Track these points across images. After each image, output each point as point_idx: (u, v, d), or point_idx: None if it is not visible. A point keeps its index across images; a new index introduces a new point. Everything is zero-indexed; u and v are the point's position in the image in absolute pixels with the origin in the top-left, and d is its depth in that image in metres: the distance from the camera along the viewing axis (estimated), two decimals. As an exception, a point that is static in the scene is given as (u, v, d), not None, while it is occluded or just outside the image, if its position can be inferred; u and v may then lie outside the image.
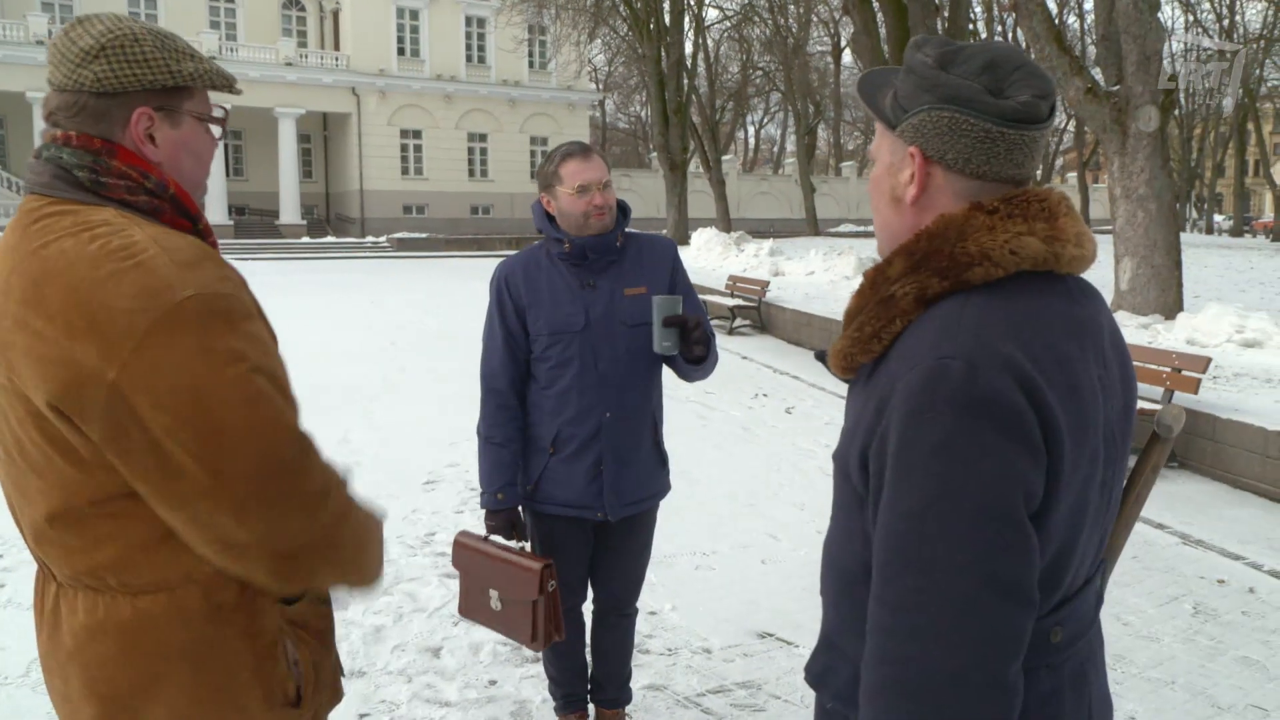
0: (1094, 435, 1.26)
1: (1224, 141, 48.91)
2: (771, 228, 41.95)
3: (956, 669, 1.12)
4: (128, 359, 1.28)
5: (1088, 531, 1.32)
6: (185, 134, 1.51)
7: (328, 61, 41.52)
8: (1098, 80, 11.60)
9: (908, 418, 1.18)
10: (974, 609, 1.13)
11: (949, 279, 1.25)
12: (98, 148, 1.42)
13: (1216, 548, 5.53)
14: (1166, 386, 7.22)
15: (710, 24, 39.66)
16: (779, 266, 19.01)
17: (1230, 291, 14.46)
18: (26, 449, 1.39)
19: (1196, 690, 3.82)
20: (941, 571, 1.13)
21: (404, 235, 37.75)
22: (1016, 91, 1.27)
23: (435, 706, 3.58)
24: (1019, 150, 1.28)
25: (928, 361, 1.19)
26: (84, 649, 1.44)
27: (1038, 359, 1.19)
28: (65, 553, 1.44)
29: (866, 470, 1.28)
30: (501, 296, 2.92)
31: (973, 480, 1.14)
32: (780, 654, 4.06)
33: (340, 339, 12.83)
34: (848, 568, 1.39)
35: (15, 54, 34.47)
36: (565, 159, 2.83)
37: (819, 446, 7.71)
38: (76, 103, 1.42)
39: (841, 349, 1.35)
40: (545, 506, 2.98)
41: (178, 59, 1.46)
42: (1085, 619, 1.37)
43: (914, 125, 1.31)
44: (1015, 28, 39.02)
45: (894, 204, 1.37)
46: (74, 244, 1.34)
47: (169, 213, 1.46)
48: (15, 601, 4.40)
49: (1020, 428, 1.15)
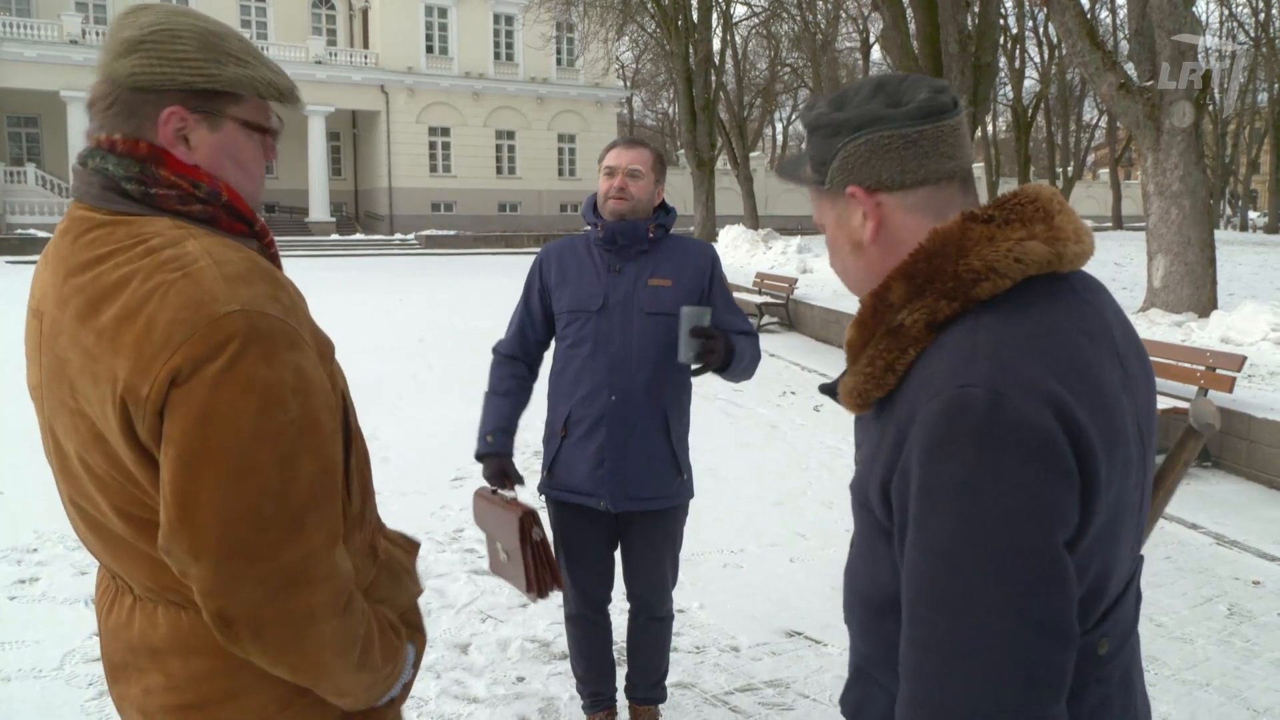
0: (1124, 444, 1.21)
1: (1259, 137, 48.25)
2: (799, 225, 41.83)
3: (994, 714, 1.08)
4: (159, 370, 1.23)
5: (1126, 534, 1.28)
6: (225, 139, 1.43)
7: (357, 60, 41.78)
8: (1131, 75, 11.47)
9: (929, 453, 1.13)
10: (1010, 650, 1.08)
11: (957, 299, 1.21)
12: (144, 154, 1.36)
13: (1252, 548, 5.45)
14: (1200, 385, 7.12)
15: (738, 20, 39.51)
16: (807, 263, 18.96)
17: (1266, 289, 14.26)
18: (94, 470, 1.36)
19: (1231, 693, 3.76)
20: (974, 612, 1.09)
21: (432, 233, 37.91)
22: (911, 96, 1.28)
23: (463, 703, 3.59)
24: (945, 143, 1.28)
25: (948, 392, 1.14)
26: (170, 661, 1.41)
27: (1063, 375, 1.14)
28: (150, 567, 1.39)
29: (888, 503, 1.23)
30: (533, 275, 3.09)
31: (1001, 516, 1.09)
32: (809, 653, 4.04)
33: (369, 336, 12.90)
34: (873, 598, 1.35)
35: (49, 53, 34.91)
36: (612, 146, 3.04)
37: (847, 444, 7.67)
38: (112, 94, 1.39)
39: (855, 387, 1.30)
40: (558, 493, 3.04)
41: (220, 64, 1.39)
42: (1128, 623, 1.34)
43: (839, 167, 1.31)
44: (1047, 22, 38.69)
45: (856, 250, 1.35)
46: (128, 257, 1.30)
47: (224, 219, 1.41)
48: (50, 596, 4.46)
49: (1051, 453, 1.10)
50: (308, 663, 1.35)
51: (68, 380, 1.33)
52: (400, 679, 1.57)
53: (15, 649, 3.92)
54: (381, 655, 1.48)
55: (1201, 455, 7.11)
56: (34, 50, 34.76)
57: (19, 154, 38.23)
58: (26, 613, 4.28)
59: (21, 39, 34.75)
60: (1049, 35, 40.29)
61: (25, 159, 37.81)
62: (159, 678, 1.43)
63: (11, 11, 36.68)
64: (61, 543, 5.09)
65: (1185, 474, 1.49)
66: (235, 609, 1.28)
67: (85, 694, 3.57)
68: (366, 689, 1.46)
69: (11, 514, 5.60)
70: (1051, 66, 42.53)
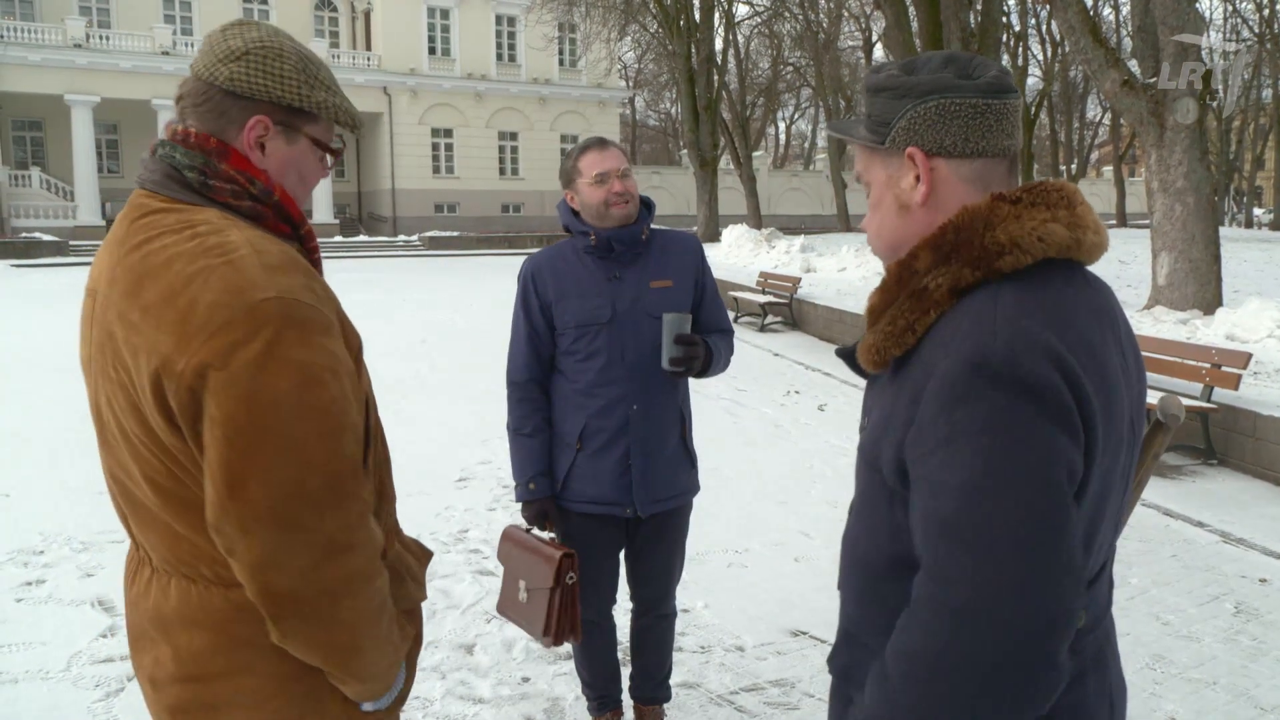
0: (1119, 425, 1.28)
1: (1264, 134, 48.14)
2: (803, 224, 41.86)
3: (1010, 647, 1.12)
4: (197, 349, 1.31)
5: (1111, 516, 1.33)
6: (297, 153, 1.55)
7: (359, 61, 41.85)
8: (1134, 72, 11.45)
9: (954, 401, 1.19)
10: (1029, 585, 1.13)
11: (981, 269, 1.27)
12: (211, 148, 1.46)
13: (1258, 546, 5.44)
14: (1206, 383, 7.10)
15: (740, 20, 39.54)
16: (810, 263, 18.94)
17: (1271, 286, 14.21)
18: (130, 439, 1.44)
19: (1238, 691, 3.75)
20: (994, 546, 1.13)
21: (435, 234, 37.97)
22: (982, 72, 1.35)
23: (468, 703, 3.59)
24: (1006, 120, 1.35)
25: (969, 346, 1.21)
26: (176, 634, 1.49)
27: (1072, 346, 1.21)
28: (170, 539, 1.47)
29: (900, 464, 1.28)
30: (527, 291, 2.96)
31: (1022, 456, 1.15)
32: (814, 652, 4.04)
33: (373, 337, 12.82)
34: (872, 562, 1.40)
35: (54, 57, 35.02)
36: (583, 152, 2.91)
37: (851, 444, 7.66)
38: (206, 93, 1.48)
39: (874, 344, 1.36)
40: (574, 504, 2.98)
41: (311, 87, 1.52)
42: (1103, 603, 1.40)
43: (904, 128, 1.37)
44: (1050, 20, 38.62)
45: (902, 212, 1.40)
46: (175, 240, 1.39)
47: (271, 218, 1.51)
48: (56, 597, 4.47)
49: (1062, 410, 1.17)
50: (345, 634, 1.43)
51: (112, 352, 1.42)
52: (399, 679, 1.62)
53: (22, 651, 3.93)
54: (399, 630, 1.57)
55: (1206, 453, 7.10)
56: (38, 54, 34.86)
57: (23, 158, 38.34)
58: (33, 615, 4.29)
59: (26, 43, 34.83)
60: (1052, 33, 40.25)
61: (30, 163, 37.94)
62: (166, 649, 1.50)
63: (16, 15, 36.79)
64: (67, 545, 5.10)
65: (1155, 466, 1.60)
66: (282, 581, 1.35)
67: (92, 695, 3.57)
68: (388, 668, 1.54)
69: (18, 516, 5.61)
70: (1054, 64, 42.49)
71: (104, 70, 35.32)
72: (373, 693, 1.55)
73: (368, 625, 1.45)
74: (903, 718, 1.20)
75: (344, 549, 1.39)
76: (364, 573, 1.42)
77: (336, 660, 1.46)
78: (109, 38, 36.47)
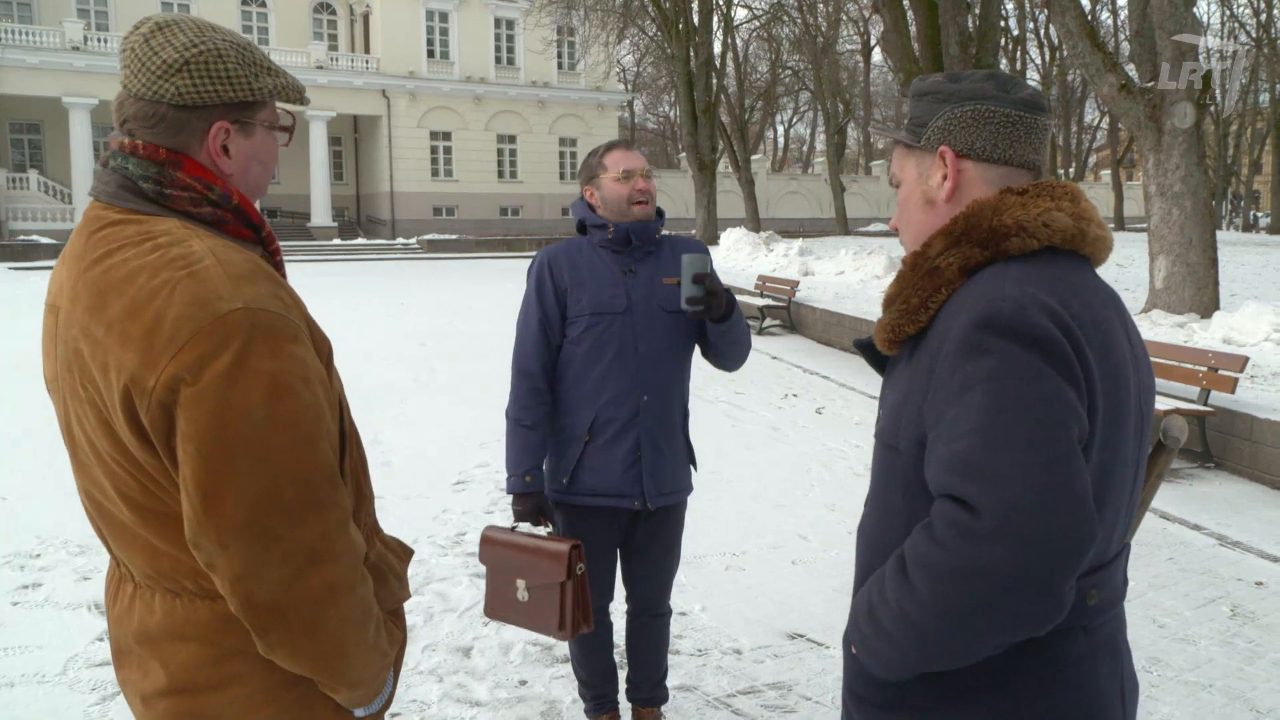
0: (1127, 398, 1.34)
1: (1261, 138, 48.21)
2: (801, 227, 41.84)
3: (1015, 569, 1.17)
4: (166, 364, 1.29)
5: (1118, 498, 1.37)
6: (256, 143, 1.53)
7: (358, 64, 41.84)
8: (1132, 76, 11.46)
9: (965, 353, 1.27)
10: (1038, 512, 1.17)
11: (989, 249, 1.37)
12: (163, 159, 1.43)
13: (1254, 549, 5.45)
14: (1203, 386, 7.12)
15: (739, 23, 39.57)
16: (809, 266, 18.95)
17: (1268, 290, 14.24)
18: (102, 456, 1.42)
19: (1234, 694, 3.76)
20: (1005, 478, 1.19)
21: (434, 237, 37.97)
22: (1019, 90, 1.45)
23: (466, 706, 3.59)
24: (1035, 135, 1.45)
25: (979, 306, 1.29)
26: (164, 648, 1.47)
27: (1077, 316, 1.29)
28: (150, 554, 1.45)
29: (920, 432, 1.35)
30: (543, 278, 2.98)
31: (1031, 397, 1.22)
32: (811, 655, 4.04)
33: (371, 340, 12.91)
34: (888, 543, 1.43)
35: (51, 60, 35.01)
36: (609, 150, 3.01)
37: (849, 447, 7.67)
38: (155, 113, 1.43)
39: (889, 322, 1.44)
40: (581, 498, 2.99)
41: (257, 74, 1.48)
42: (1116, 591, 1.44)
43: (939, 128, 1.46)
44: (1047, 24, 38.68)
45: (928, 207, 1.49)
46: (136, 253, 1.36)
47: (232, 223, 1.48)
48: (52, 601, 4.46)
49: (1067, 365, 1.24)
50: (331, 643, 1.41)
51: (79, 369, 1.39)
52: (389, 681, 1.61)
53: (18, 654, 3.92)
54: (386, 635, 1.55)
55: (1203, 456, 7.11)
56: (36, 57, 34.84)
57: (21, 160, 38.30)
58: (29, 618, 4.28)
59: (24, 45, 34.82)
60: (1050, 37, 40.33)
61: (27, 165, 37.89)
62: (154, 664, 1.48)
63: (14, 18, 36.78)
64: (64, 548, 5.10)
65: (1159, 486, 1.64)
66: (263, 592, 1.33)
67: (88, 699, 3.57)
68: (376, 673, 1.52)
69: (14, 519, 5.61)
70: (1052, 68, 42.58)
71: (102, 73, 35.23)
72: (363, 699, 1.54)
73: (354, 633, 1.44)
74: (921, 614, 1.26)
75: (325, 558, 1.37)
76: (346, 581, 1.41)
77: (324, 669, 1.44)
78: (107, 40, 36.42)
